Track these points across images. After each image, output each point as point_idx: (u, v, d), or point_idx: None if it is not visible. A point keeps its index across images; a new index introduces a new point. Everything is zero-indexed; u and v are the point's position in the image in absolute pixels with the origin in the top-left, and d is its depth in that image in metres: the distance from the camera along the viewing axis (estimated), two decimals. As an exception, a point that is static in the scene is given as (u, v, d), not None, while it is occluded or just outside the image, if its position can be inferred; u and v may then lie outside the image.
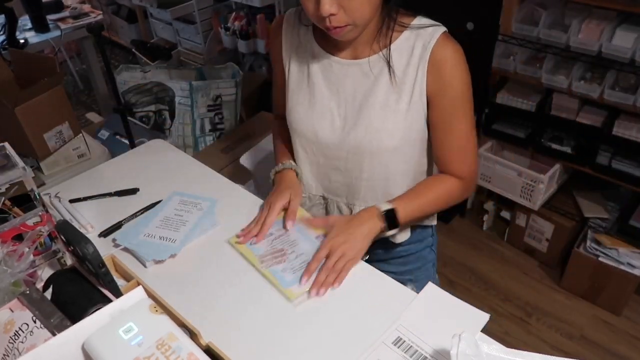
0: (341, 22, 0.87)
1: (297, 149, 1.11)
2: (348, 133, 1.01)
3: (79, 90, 3.92)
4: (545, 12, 1.83)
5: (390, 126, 0.98)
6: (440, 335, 0.83)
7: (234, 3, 3.05)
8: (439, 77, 0.95)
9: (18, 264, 0.79)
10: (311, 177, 1.13)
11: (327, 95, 1.02)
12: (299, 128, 1.07)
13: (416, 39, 0.95)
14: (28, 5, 2.45)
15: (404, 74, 0.96)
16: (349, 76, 1.00)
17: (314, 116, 1.04)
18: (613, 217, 2.05)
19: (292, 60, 1.07)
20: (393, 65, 0.96)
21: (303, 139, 1.08)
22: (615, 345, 1.93)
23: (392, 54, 0.96)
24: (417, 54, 0.94)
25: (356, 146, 1.01)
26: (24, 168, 0.87)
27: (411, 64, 0.95)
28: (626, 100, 1.71)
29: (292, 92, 1.07)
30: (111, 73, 1.88)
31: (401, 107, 0.97)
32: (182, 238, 1.04)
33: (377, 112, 0.98)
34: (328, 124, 1.03)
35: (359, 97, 1.00)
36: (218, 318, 0.88)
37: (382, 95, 0.98)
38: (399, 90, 0.97)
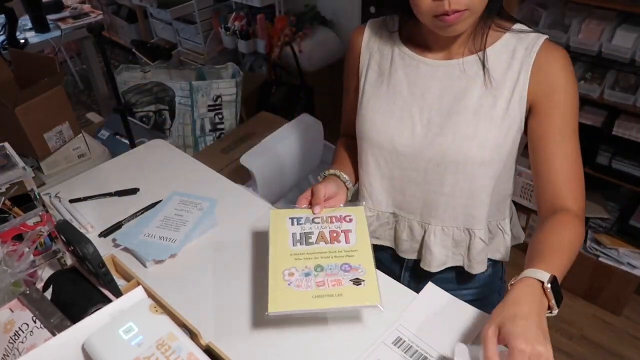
0: (461, 5, 0.78)
1: (368, 160, 0.99)
2: (432, 140, 0.91)
3: (79, 90, 3.92)
4: (545, 12, 1.83)
5: (482, 134, 0.87)
6: (441, 335, 0.83)
7: (234, 3, 3.05)
8: (546, 82, 0.85)
9: (18, 264, 0.79)
10: (382, 191, 1.00)
11: (409, 100, 0.93)
12: (373, 136, 0.96)
13: (517, 42, 0.87)
14: (28, 5, 2.45)
15: (503, 78, 0.87)
16: (437, 78, 0.91)
17: (392, 123, 0.94)
18: (613, 217, 2.05)
19: (370, 66, 0.99)
20: (490, 67, 0.87)
21: (376, 148, 0.97)
22: (615, 345, 1.93)
23: (489, 55, 0.88)
24: (518, 57, 0.86)
25: (441, 155, 0.90)
26: (24, 168, 0.87)
27: (511, 67, 0.87)
28: (626, 100, 1.71)
29: (367, 99, 0.97)
30: (111, 73, 1.88)
31: (496, 114, 0.87)
32: (182, 238, 1.04)
33: (469, 117, 0.88)
34: (408, 132, 0.92)
35: (447, 101, 0.90)
36: (218, 318, 0.88)
37: (475, 98, 0.88)
38: (495, 95, 0.87)
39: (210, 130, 2.59)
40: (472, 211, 0.94)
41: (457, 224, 0.95)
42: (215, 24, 3.18)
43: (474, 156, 0.88)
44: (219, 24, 3.10)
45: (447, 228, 0.96)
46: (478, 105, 0.88)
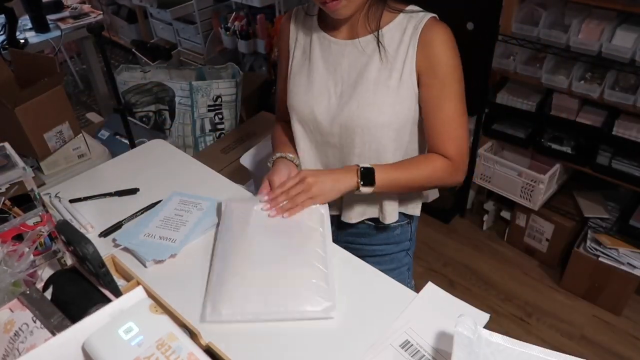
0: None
1: (296, 128, 1.15)
2: (342, 109, 1.06)
3: (79, 90, 3.92)
4: (545, 12, 1.83)
5: (380, 101, 1.03)
6: (441, 336, 0.83)
7: (234, 3, 3.05)
8: (428, 55, 1.00)
9: (18, 264, 0.79)
10: (309, 154, 1.17)
11: (325, 75, 1.08)
12: (298, 106, 1.12)
13: (408, 22, 1.02)
14: (28, 5, 2.45)
15: (396, 53, 1.02)
16: (345, 55, 1.06)
17: (312, 95, 1.09)
18: (613, 217, 2.05)
19: (296, 48, 1.14)
20: (385, 44, 1.02)
21: (301, 117, 1.12)
22: (615, 345, 1.93)
23: (385, 34, 1.03)
24: (408, 34, 1.01)
25: (349, 120, 1.06)
26: (24, 168, 0.87)
27: (402, 43, 1.01)
28: (626, 100, 1.71)
29: (294, 77, 1.13)
30: (111, 73, 1.88)
31: (392, 84, 1.02)
32: (182, 238, 1.04)
33: (370, 87, 1.03)
34: (325, 102, 1.08)
35: (353, 74, 1.06)
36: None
37: (374, 72, 1.03)
38: (390, 68, 1.02)
39: (210, 130, 2.59)
40: None
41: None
42: (215, 24, 3.18)
43: (374, 120, 1.04)
44: (219, 24, 3.10)
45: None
46: (377, 77, 1.03)
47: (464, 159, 1.08)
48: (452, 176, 1.07)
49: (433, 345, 0.81)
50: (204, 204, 1.13)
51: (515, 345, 0.74)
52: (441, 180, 1.08)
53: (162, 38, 3.62)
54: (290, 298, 0.87)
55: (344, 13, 0.98)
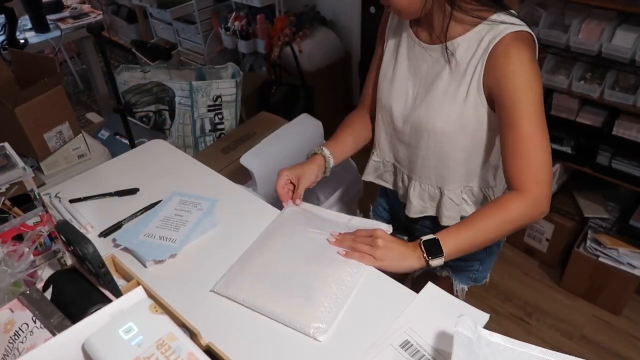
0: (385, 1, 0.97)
1: (378, 117, 1.19)
2: (414, 110, 1.08)
3: (79, 90, 3.92)
4: (545, 12, 1.83)
5: (446, 110, 1.02)
6: (441, 336, 0.83)
7: (234, 3, 3.05)
8: (496, 73, 0.93)
9: (18, 264, 0.79)
10: (385, 144, 1.21)
11: (406, 75, 1.09)
12: (381, 98, 1.15)
13: (487, 33, 0.94)
14: (28, 5, 2.45)
15: (467, 65, 0.97)
16: (425, 59, 1.05)
17: (392, 91, 1.11)
18: (613, 217, 2.05)
19: (389, 39, 1.14)
20: (459, 55, 0.98)
21: (382, 109, 1.15)
22: (615, 345, 1.93)
23: (461, 43, 0.98)
24: (482, 47, 0.95)
25: (417, 123, 1.07)
26: (24, 168, 0.87)
27: (475, 56, 0.96)
28: (626, 100, 1.71)
29: (383, 67, 1.15)
30: (111, 73, 1.88)
31: (459, 97, 1.00)
32: (182, 238, 1.04)
33: (439, 95, 1.03)
34: (402, 101, 1.10)
35: (429, 79, 1.05)
36: (218, 318, 0.88)
37: (445, 81, 1.02)
38: (460, 81, 0.99)
39: (210, 130, 2.59)
40: (442, 173, 1.11)
41: (431, 182, 1.14)
42: (215, 24, 3.18)
43: (439, 128, 1.04)
44: (219, 24, 3.10)
45: (423, 184, 1.16)
46: (446, 87, 1.02)
47: (545, 190, 0.93)
48: (533, 214, 0.95)
49: (433, 345, 0.81)
50: (204, 204, 1.13)
51: (515, 345, 0.74)
52: (523, 223, 0.96)
53: (162, 38, 3.62)
54: (293, 307, 0.87)
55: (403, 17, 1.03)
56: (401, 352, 0.81)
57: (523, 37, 0.92)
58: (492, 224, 0.95)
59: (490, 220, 0.95)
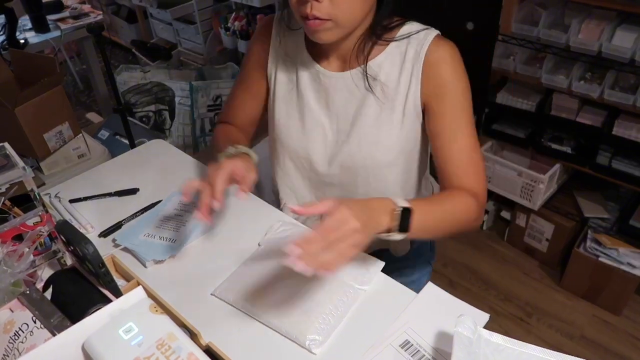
0: (323, 13, 0.77)
1: (286, 163, 1.04)
2: (341, 147, 0.95)
3: (79, 90, 3.92)
4: (545, 12, 1.83)
5: (385, 138, 0.92)
6: (441, 336, 0.83)
7: (234, 3, 3.05)
8: (436, 81, 0.88)
9: (18, 264, 0.79)
10: (305, 189, 1.06)
11: (317, 109, 0.96)
12: (289, 143, 1.00)
13: (407, 46, 0.89)
14: (28, 5, 2.45)
15: (397, 83, 0.90)
16: (338, 89, 0.94)
17: (305, 132, 0.98)
18: (613, 217, 2.05)
19: (279, 68, 1.00)
20: (383, 76, 0.90)
21: (294, 154, 1.01)
22: (615, 345, 1.93)
23: (381, 63, 0.90)
24: (409, 60, 0.89)
25: (349, 161, 0.95)
26: (24, 168, 0.87)
27: (404, 71, 0.89)
28: (626, 100, 1.71)
29: (280, 104, 1.00)
30: (111, 73, 1.88)
31: (395, 119, 0.91)
32: (182, 238, 1.04)
33: (370, 125, 0.92)
34: (321, 140, 0.97)
35: (350, 110, 0.94)
36: (218, 318, 0.88)
37: (372, 107, 0.92)
38: (392, 100, 0.91)
39: (210, 130, 2.59)
40: None
41: None
42: (215, 24, 3.18)
43: (380, 160, 0.93)
44: (219, 24, 3.10)
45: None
46: (378, 112, 0.92)
47: (486, 196, 0.93)
48: (479, 216, 0.91)
49: (433, 345, 0.81)
50: (204, 204, 1.13)
51: (515, 345, 0.74)
52: (471, 222, 0.90)
53: (162, 38, 3.62)
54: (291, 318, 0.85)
55: (326, 37, 0.82)
56: (401, 353, 0.81)
57: (446, 40, 0.89)
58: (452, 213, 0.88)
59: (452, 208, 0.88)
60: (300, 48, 0.97)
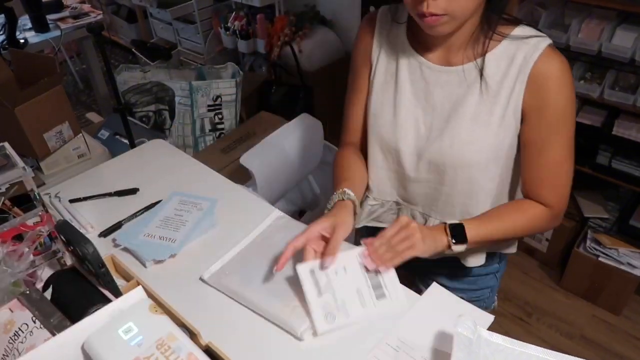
0: (439, 9, 0.78)
1: (375, 153, 1.02)
2: (432, 143, 0.93)
3: (79, 90, 3.91)
4: (545, 12, 1.83)
5: (479, 140, 0.90)
6: (441, 336, 0.83)
7: (234, 3, 3.05)
8: (540, 94, 0.86)
9: (18, 264, 0.79)
10: (387, 183, 1.04)
11: (414, 102, 0.94)
12: (381, 132, 0.98)
13: (517, 50, 0.86)
14: (28, 5, 2.45)
15: (500, 86, 0.87)
16: (439, 84, 0.92)
17: (397, 123, 0.96)
18: (613, 217, 2.05)
19: (379, 60, 0.98)
20: (488, 75, 0.88)
21: (383, 143, 0.99)
22: (615, 345, 1.93)
23: (488, 62, 0.88)
24: (516, 65, 0.86)
25: (439, 158, 0.93)
26: (24, 168, 0.87)
27: (509, 75, 0.86)
28: (626, 100, 1.71)
29: (376, 94, 0.99)
30: (111, 73, 1.88)
31: (493, 121, 0.89)
32: (182, 238, 1.04)
33: (467, 123, 0.90)
34: (412, 133, 0.95)
35: (447, 105, 0.92)
36: (218, 318, 0.88)
37: (472, 106, 0.90)
38: (492, 102, 0.88)
39: (210, 130, 2.59)
40: (470, 209, 0.98)
41: (456, 219, 0.94)
42: (215, 24, 3.18)
43: (471, 161, 0.91)
44: (219, 24, 3.10)
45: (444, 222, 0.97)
46: (476, 112, 0.89)
47: (564, 206, 0.95)
48: (549, 224, 0.96)
49: (433, 345, 0.81)
50: (204, 204, 1.13)
51: (515, 345, 0.74)
52: (538, 229, 0.97)
53: (162, 38, 3.61)
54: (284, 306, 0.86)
55: (442, 30, 0.82)
56: (400, 353, 0.81)
57: (558, 53, 0.86)
58: (515, 226, 0.94)
59: (514, 222, 0.94)
60: (403, 40, 0.95)
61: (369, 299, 0.86)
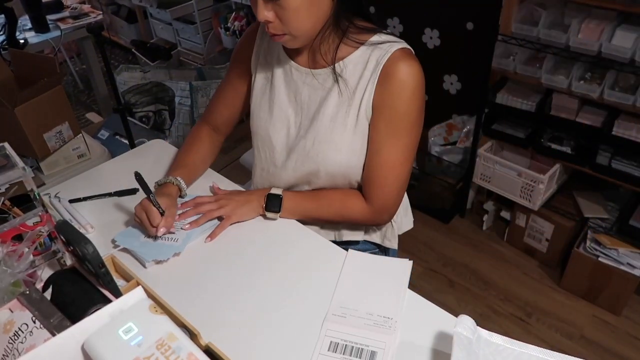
0: (277, 31, 0.88)
1: (255, 153, 1.12)
2: (298, 142, 1.01)
3: (79, 90, 3.91)
4: (545, 12, 1.83)
5: (337, 139, 0.97)
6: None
7: (234, 3, 3.05)
8: (383, 94, 0.92)
9: (18, 264, 0.79)
10: (261, 182, 1.14)
11: (286, 102, 1.03)
12: (259, 132, 1.08)
13: (371, 54, 0.93)
14: (28, 5, 2.45)
15: (355, 88, 0.94)
16: (306, 84, 1.00)
17: (271, 121, 1.05)
18: (613, 217, 2.05)
19: (259, 65, 1.07)
20: (345, 79, 0.95)
21: (261, 142, 1.09)
22: (615, 345, 1.93)
23: (346, 66, 0.95)
24: (370, 68, 0.93)
25: (304, 156, 1.01)
26: (24, 168, 0.87)
27: (363, 77, 0.93)
28: (626, 100, 1.71)
29: (256, 96, 1.08)
30: (111, 73, 1.88)
31: (349, 122, 0.96)
32: (182, 238, 1.04)
33: (326, 123, 0.97)
34: (284, 131, 1.04)
35: (312, 106, 1.00)
36: (218, 318, 0.88)
37: (332, 107, 0.97)
38: (349, 105, 0.95)
39: (210, 130, 2.59)
40: None
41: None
42: (215, 24, 3.18)
43: (330, 159, 0.98)
44: (219, 24, 3.10)
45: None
46: (334, 113, 0.97)
47: (388, 208, 1.02)
48: (365, 220, 1.05)
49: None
50: (204, 204, 1.13)
51: (514, 345, 0.74)
52: (353, 219, 1.06)
53: (161, 38, 3.62)
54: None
55: (292, 45, 0.93)
56: (348, 317, 0.81)
57: (409, 53, 0.92)
58: (331, 210, 1.04)
59: (332, 207, 1.03)
60: (278, 47, 1.04)
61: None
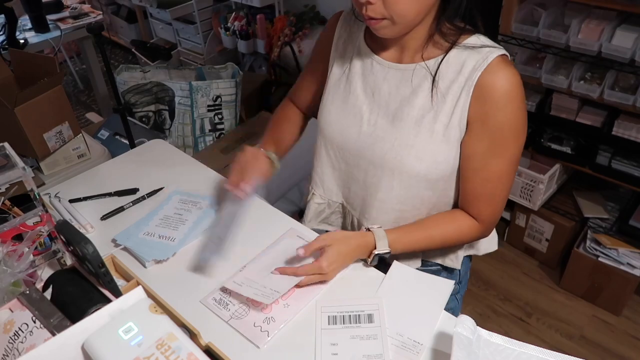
0: (377, 14, 0.79)
1: (321, 150, 1.03)
2: (374, 142, 0.92)
3: (79, 90, 3.92)
4: (545, 12, 1.83)
5: (421, 146, 0.88)
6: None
7: (234, 3, 3.05)
8: (485, 105, 0.83)
9: (18, 264, 0.79)
10: (332, 181, 1.04)
11: (361, 97, 0.94)
12: (325, 128, 0.99)
13: (468, 57, 0.84)
14: (28, 5, 2.45)
15: (447, 92, 0.85)
16: (387, 80, 0.91)
17: (343, 117, 0.96)
18: (613, 217, 2.05)
19: (337, 56, 1.00)
20: (436, 80, 0.86)
21: (328, 140, 1.00)
22: (615, 345, 1.93)
23: (440, 66, 0.86)
24: (465, 74, 0.84)
25: (380, 158, 0.92)
26: (24, 168, 0.87)
27: (456, 82, 0.85)
28: (626, 100, 1.71)
29: (329, 90, 1.00)
30: (111, 73, 1.88)
31: (437, 129, 0.87)
32: (181, 237, 1.04)
33: (410, 126, 0.88)
34: (356, 129, 0.94)
35: (394, 105, 0.90)
36: (218, 318, 0.88)
37: (417, 109, 0.88)
38: (437, 109, 0.86)
39: (210, 130, 2.59)
40: (404, 216, 0.97)
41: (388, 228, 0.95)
42: (215, 24, 3.18)
43: (410, 166, 0.89)
44: (219, 24, 3.10)
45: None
46: (420, 116, 0.88)
47: (496, 221, 0.95)
48: (477, 236, 0.96)
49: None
50: (204, 203, 1.13)
51: (514, 345, 0.74)
52: (466, 240, 0.98)
53: (161, 38, 3.62)
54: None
55: (385, 33, 0.83)
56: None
57: (507, 60, 0.84)
58: (442, 236, 0.95)
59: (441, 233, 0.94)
60: (360, 38, 0.96)
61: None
